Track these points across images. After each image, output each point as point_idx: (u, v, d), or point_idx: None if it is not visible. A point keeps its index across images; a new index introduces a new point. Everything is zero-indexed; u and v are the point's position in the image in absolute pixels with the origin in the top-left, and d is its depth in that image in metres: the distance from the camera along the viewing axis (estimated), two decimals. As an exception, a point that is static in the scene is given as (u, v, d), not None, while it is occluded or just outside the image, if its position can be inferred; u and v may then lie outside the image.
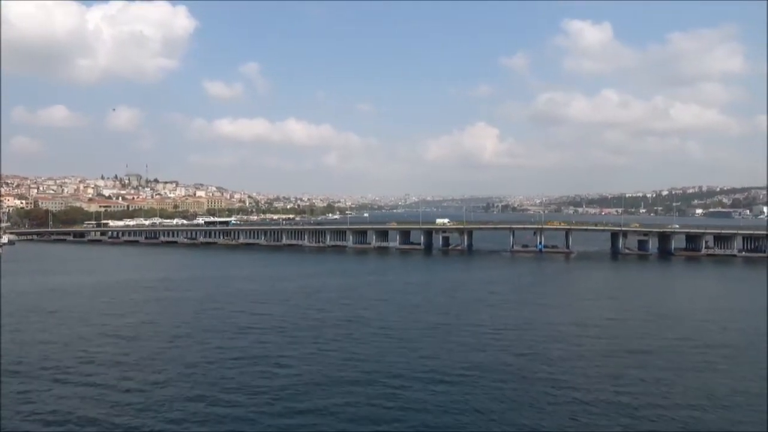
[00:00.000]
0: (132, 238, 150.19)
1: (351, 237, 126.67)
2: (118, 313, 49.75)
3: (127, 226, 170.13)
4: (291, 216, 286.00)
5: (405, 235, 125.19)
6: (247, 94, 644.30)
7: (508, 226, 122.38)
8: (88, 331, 42.42)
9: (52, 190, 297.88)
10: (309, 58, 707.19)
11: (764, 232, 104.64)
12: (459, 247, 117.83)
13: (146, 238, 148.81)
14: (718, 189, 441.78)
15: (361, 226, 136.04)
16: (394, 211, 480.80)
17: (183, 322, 46.11)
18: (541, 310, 51.49)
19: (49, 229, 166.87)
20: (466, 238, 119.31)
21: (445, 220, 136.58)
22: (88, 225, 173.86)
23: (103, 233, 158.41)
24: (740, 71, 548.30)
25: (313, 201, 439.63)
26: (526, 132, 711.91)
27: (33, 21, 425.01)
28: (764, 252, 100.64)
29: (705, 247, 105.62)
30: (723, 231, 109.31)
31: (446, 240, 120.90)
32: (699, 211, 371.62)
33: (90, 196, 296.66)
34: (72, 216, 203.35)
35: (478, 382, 30.08)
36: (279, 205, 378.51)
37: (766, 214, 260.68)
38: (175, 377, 31.04)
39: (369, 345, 38.21)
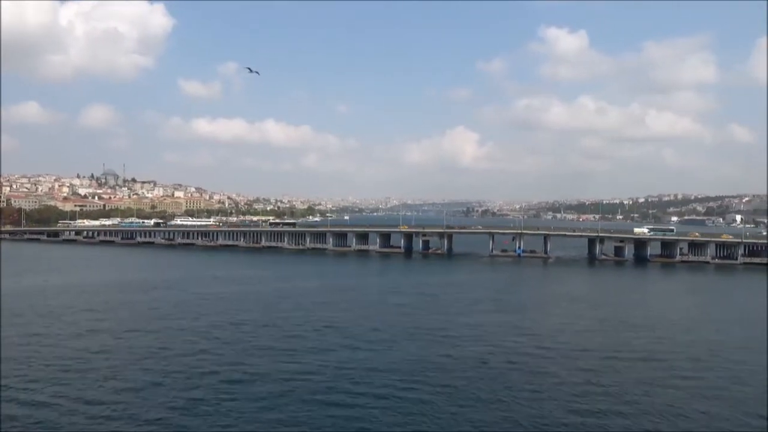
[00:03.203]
0: (108, 238, 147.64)
1: (331, 240, 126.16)
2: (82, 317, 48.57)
3: (104, 225, 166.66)
4: (271, 218, 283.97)
5: (385, 238, 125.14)
6: (224, 94, 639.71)
7: (488, 230, 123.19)
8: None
9: (26, 188, 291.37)
10: (287, 59, 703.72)
11: (737, 240, 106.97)
12: (439, 251, 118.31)
13: (122, 238, 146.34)
14: (692, 197, 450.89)
15: (342, 229, 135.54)
16: (375, 213, 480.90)
17: (142, 327, 44.36)
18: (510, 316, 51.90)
19: (22, 228, 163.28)
20: (446, 241, 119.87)
21: (645, 230, 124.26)
22: (63, 224, 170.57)
23: (78, 233, 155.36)
24: (713, 80, 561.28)
25: (294, 203, 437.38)
26: (505, 137, 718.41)
27: (3, 15, 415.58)
28: (736, 259, 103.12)
29: (679, 254, 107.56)
30: (697, 238, 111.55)
31: (426, 244, 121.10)
32: (674, 218, 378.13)
33: (65, 194, 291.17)
34: (46, 215, 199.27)
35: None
36: (259, 206, 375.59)
37: (738, 223, 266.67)
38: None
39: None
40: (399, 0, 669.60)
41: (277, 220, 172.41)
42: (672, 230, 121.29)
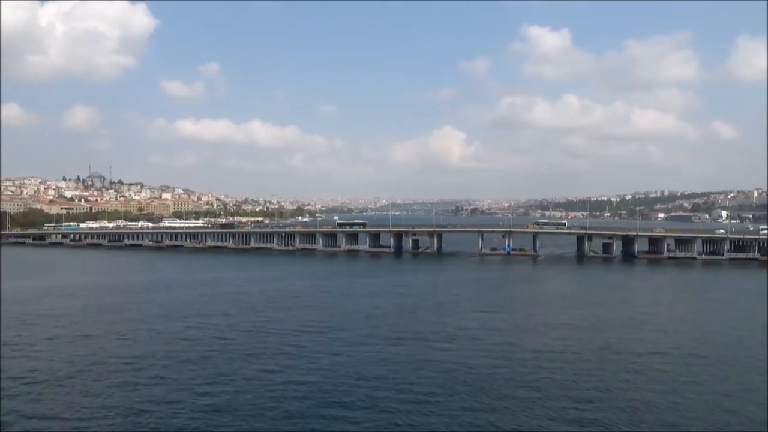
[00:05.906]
0: (95, 240, 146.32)
1: (321, 240, 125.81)
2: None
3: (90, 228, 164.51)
4: (260, 219, 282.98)
5: (375, 238, 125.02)
6: (208, 95, 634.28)
7: (477, 229, 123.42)
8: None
9: (10, 191, 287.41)
10: (272, 60, 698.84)
11: (723, 236, 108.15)
12: (429, 250, 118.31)
13: (110, 240, 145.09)
14: (678, 194, 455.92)
15: (332, 229, 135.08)
16: (364, 213, 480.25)
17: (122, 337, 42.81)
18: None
19: (7, 232, 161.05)
20: (435, 240, 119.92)
21: None
22: (48, 227, 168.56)
23: (64, 236, 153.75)
24: (694, 78, 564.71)
25: (283, 203, 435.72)
26: (491, 136, 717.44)
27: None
28: (722, 255, 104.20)
29: (667, 250, 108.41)
30: (684, 234, 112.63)
31: (416, 243, 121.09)
32: (661, 215, 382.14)
33: (51, 197, 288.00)
34: (31, 218, 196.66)
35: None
36: (248, 207, 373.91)
37: (724, 218, 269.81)
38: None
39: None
40: (382, 0, 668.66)
41: (344, 221, 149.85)
42: (564, 224, 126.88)
